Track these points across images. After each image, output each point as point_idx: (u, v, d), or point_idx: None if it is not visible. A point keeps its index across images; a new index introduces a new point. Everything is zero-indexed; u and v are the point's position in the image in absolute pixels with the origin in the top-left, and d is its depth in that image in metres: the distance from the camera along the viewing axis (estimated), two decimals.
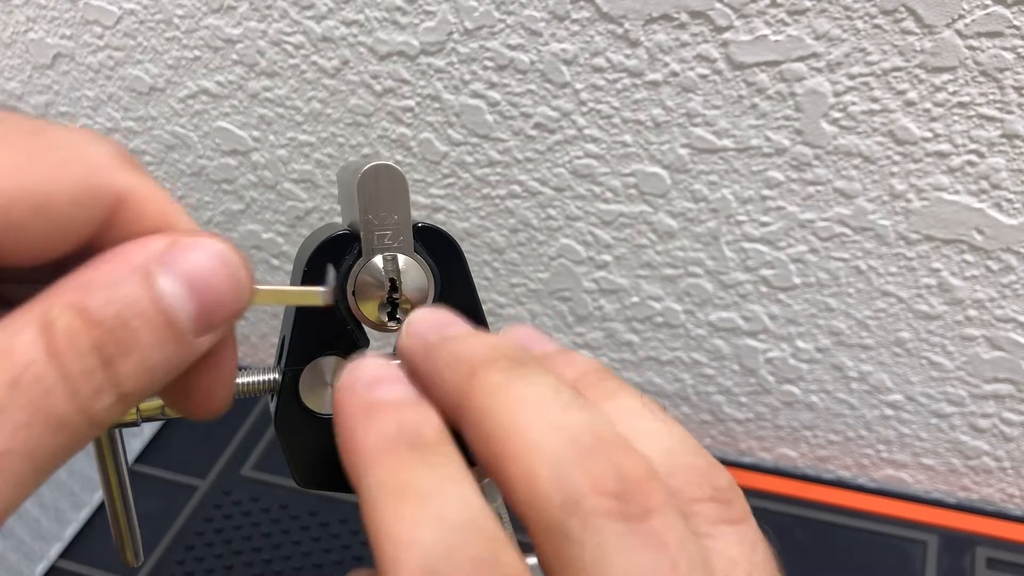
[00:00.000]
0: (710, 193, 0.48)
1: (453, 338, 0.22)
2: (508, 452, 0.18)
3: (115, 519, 0.26)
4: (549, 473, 0.18)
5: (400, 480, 0.18)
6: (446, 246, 0.26)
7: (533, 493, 0.18)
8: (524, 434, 0.18)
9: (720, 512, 0.20)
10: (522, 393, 0.19)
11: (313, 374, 0.26)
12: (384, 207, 0.25)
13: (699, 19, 0.43)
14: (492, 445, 0.19)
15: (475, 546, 0.17)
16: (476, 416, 0.19)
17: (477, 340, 0.21)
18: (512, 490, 0.18)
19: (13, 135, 0.17)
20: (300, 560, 0.52)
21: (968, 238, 0.45)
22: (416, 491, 0.18)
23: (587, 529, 0.17)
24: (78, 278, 0.18)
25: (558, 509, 0.17)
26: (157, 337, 0.18)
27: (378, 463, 0.19)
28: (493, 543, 0.18)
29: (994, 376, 0.50)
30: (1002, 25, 0.39)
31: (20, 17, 0.56)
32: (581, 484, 0.18)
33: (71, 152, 0.18)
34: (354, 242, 0.25)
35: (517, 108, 0.48)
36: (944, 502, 0.54)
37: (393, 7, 0.47)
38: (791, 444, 0.58)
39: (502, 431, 0.19)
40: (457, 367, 0.20)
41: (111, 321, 0.17)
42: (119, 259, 0.18)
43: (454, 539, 0.17)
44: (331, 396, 0.26)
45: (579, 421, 0.19)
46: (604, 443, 0.18)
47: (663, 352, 0.56)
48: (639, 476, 0.18)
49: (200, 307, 0.18)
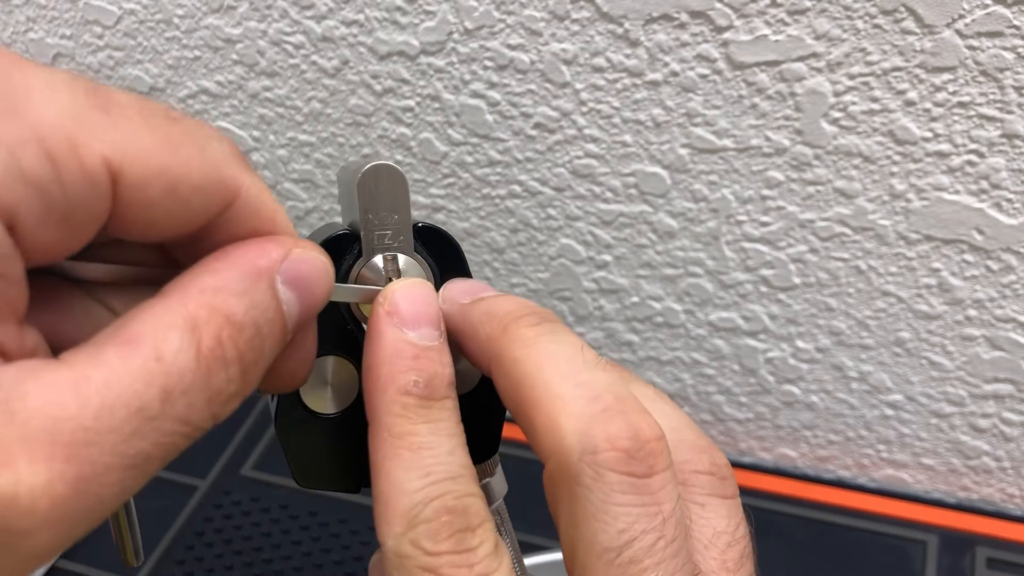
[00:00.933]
0: (710, 193, 0.48)
1: (485, 299, 0.24)
2: (535, 400, 0.21)
3: (115, 518, 0.26)
4: (572, 425, 0.20)
5: (405, 429, 0.21)
6: (446, 246, 0.26)
7: (555, 441, 0.20)
8: (551, 386, 0.21)
9: (714, 486, 0.23)
10: (550, 348, 0.22)
11: (314, 374, 0.26)
12: (384, 207, 0.25)
13: (699, 19, 0.43)
14: (521, 391, 0.21)
15: (450, 497, 0.21)
16: (508, 365, 0.22)
17: (508, 299, 0.24)
18: (536, 433, 0.21)
19: (157, 119, 0.18)
20: (300, 560, 0.52)
21: (968, 238, 0.45)
22: (415, 442, 0.21)
23: (598, 478, 0.20)
24: (209, 278, 0.19)
25: (576, 457, 0.20)
26: (277, 342, 0.20)
27: (395, 409, 0.22)
28: (465, 497, 0.21)
29: (994, 376, 0.50)
30: (1002, 25, 0.39)
31: (20, 17, 0.56)
32: (599, 437, 0.20)
33: (203, 143, 0.19)
34: (354, 242, 0.25)
35: (517, 108, 0.48)
36: (944, 502, 0.54)
37: (393, 7, 0.47)
38: (791, 444, 0.58)
39: (531, 380, 0.21)
40: (490, 321, 0.23)
41: (250, 330, 0.19)
42: (244, 262, 0.19)
43: (436, 490, 0.21)
44: (331, 395, 0.26)
45: (601, 380, 0.21)
46: (623, 404, 0.21)
47: (663, 352, 0.56)
48: (650, 438, 0.20)
49: (303, 310, 0.20)
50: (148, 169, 0.17)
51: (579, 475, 0.20)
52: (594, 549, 0.20)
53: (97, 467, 0.16)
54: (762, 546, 0.49)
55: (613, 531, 0.20)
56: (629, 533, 0.20)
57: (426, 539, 0.20)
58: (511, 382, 0.22)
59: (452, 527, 0.20)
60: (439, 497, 0.20)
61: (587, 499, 0.20)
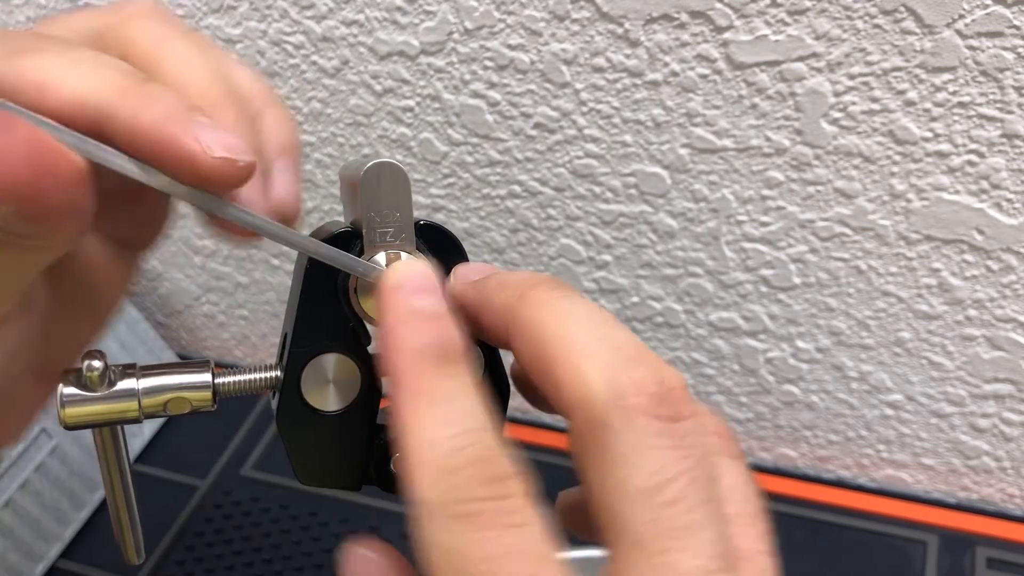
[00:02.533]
0: (710, 193, 0.48)
1: (498, 273, 0.25)
2: (559, 356, 0.21)
3: (116, 516, 0.26)
4: (598, 374, 0.20)
5: (427, 386, 0.22)
6: (448, 243, 0.26)
7: (582, 390, 0.21)
8: (574, 342, 0.21)
9: (725, 446, 0.23)
10: (568, 307, 0.22)
11: (315, 371, 0.26)
12: (387, 204, 0.25)
13: (699, 19, 0.43)
14: (543, 350, 0.22)
15: (478, 447, 0.21)
16: (527, 327, 0.22)
17: (520, 272, 0.24)
18: (561, 388, 0.21)
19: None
20: (300, 560, 0.52)
21: (968, 238, 0.45)
22: (439, 398, 0.21)
23: (627, 422, 0.20)
24: None
25: (602, 403, 0.20)
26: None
27: (413, 367, 0.22)
28: (491, 447, 0.21)
29: (994, 376, 0.50)
30: (1002, 25, 0.39)
31: (20, 17, 0.56)
32: (626, 384, 0.20)
33: None
34: (356, 239, 0.25)
35: (517, 108, 0.48)
36: (944, 502, 0.54)
37: (393, 7, 0.47)
38: (791, 444, 0.58)
39: (553, 338, 0.22)
40: (505, 290, 0.23)
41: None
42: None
43: (463, 439, 0.21)
44: (334, 393, 0.26)
45: (621, 335, 0.22)
46: (645, 355, 0.21)
47: (663, 352, 0.56)
48: (675, 385, 0.21)
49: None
50: None
51: (608, 421, 0.20)
52: (627, 492, 0.20)
53: None
54: None
55: (646, 472, 0.20)
56: (663, 474, 0.20)
57: (459, 486, 0.20)
58: (532, 343, 0.22)
59: (484, 474, 0.20)
60: (468, 446, 0.20)
61: (618, 443, 0.20)
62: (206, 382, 0.25)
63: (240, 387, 0.26)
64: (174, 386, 0.25)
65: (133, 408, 0.24)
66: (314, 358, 0.26)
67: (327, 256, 0.24)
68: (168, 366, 0.25)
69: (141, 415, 0.24)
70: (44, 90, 0.22)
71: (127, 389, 0.24)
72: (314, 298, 0.25)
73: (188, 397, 0.25)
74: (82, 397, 0.24)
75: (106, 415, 0.24)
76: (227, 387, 0.26)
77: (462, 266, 0.26)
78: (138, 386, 0.24)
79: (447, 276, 0.26)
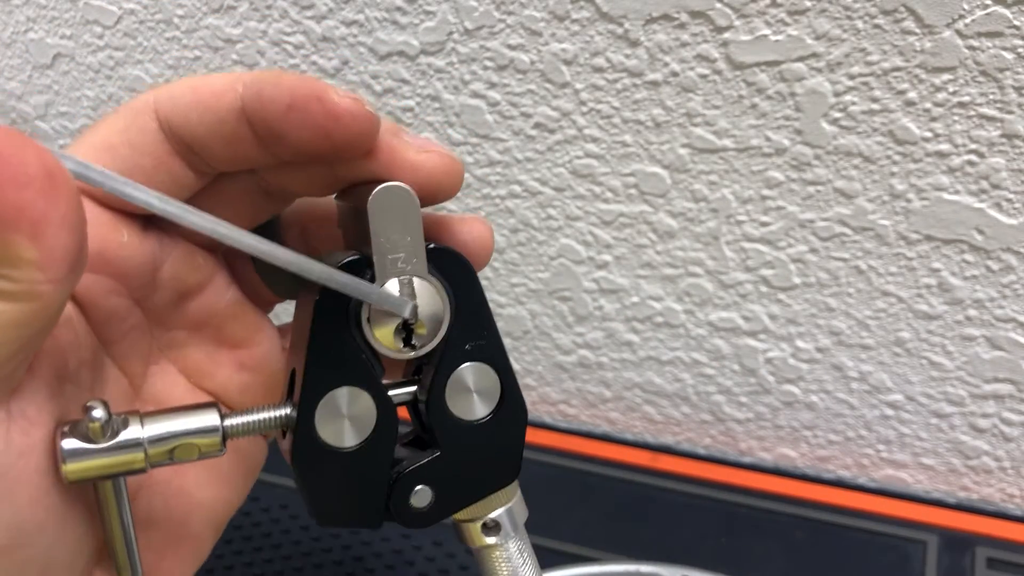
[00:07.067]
0: (710, 193, 0.48)
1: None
2: None
3: (118, 568, 0.24)
4: None
5: None
6: (459, 267, 0.25)
7: None
8: None
9: None
10: None
11: (329, 407, 0.24)
12: (396, 229, 0.24)
13: (699, 19, 0.43)
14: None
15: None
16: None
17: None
18: None
19: None
20: (300, 560, 0.52)
21: (968, 238, 0.45)
22: None
23: None
24: None
25: None
26: None
27: None
28: None
29: (994, 376, 0.50)
30: (1002, 25, 0.39)
31: (20, 17, 0.56)
32: None
33: None
34: (366, 267, 0.24)
35: (517, 108, 0.48)
36: (944, 502, 0.54)
37: (393, 7, 0.47)
38: (791, 444, 0.58)
39: None
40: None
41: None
42: None
43: None
44: (348, 428, 0.25)
45: None
46: None
47: (663, 352, 0.56)
48: None
49: None
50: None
51: None
52: None
53: None
54: (762, 546, 0.49)
55: None
56: None
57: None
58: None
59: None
60: None
61: None
62: (214, 426, 0.24)
63: (250, 427, 0.24)
64: (181, 432, 0.23)
65: (139, 459, 0.23)
66: (327, 394, 0.24)
67: (343, 285, 0.23)
68: (172, 409, 0.24)
69: (147, 465, 0.23)
70: (197, 89, 0.24)
71: (132, 439, 0.23)
72: (326, 330, 0.24)
73: (196, 443, 0.23)
74: (84, 450, 0.22)
75: (111, 468, 0.22)
76: (236, 429, 0.24)
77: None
78: (143, 435, 0.23)
79: (459, 300, 0.25)
